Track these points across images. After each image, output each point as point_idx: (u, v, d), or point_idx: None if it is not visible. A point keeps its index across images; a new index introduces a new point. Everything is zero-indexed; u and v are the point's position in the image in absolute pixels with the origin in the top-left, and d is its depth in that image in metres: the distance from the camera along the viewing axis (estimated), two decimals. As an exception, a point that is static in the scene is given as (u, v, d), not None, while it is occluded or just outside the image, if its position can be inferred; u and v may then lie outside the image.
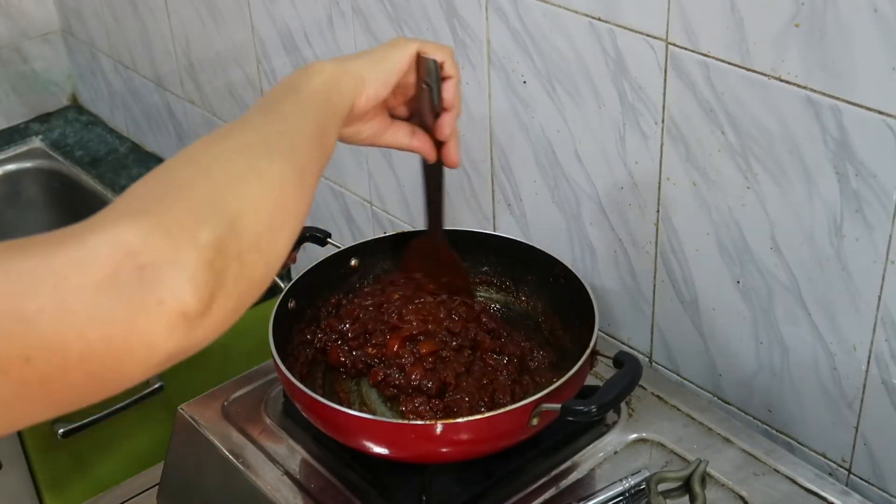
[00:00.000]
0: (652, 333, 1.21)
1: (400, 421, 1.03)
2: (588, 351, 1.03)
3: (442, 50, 0.93)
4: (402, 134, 0.96)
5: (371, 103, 0.88)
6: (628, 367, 0.99)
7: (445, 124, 0.96)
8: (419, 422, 1.01)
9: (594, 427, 1.11)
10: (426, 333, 1.12)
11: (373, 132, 0.94)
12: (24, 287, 0.55)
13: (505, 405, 1.02)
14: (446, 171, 1.02)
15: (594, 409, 0.95)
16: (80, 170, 2.02)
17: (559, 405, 0.97)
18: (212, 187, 0.64)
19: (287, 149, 0.73)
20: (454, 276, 1.16)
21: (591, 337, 1.04)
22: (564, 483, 1.06)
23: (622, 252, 1.19)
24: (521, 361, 1.13)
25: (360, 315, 1.15)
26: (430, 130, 0.97)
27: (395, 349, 1.11)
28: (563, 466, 1.07)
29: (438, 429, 0.96)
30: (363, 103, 0.87)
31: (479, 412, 1.04)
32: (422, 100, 0.95)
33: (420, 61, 0.92)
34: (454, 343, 1.14)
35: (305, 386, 1.02)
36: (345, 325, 1.16)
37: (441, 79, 0.93)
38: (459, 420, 0.97)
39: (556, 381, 1.00)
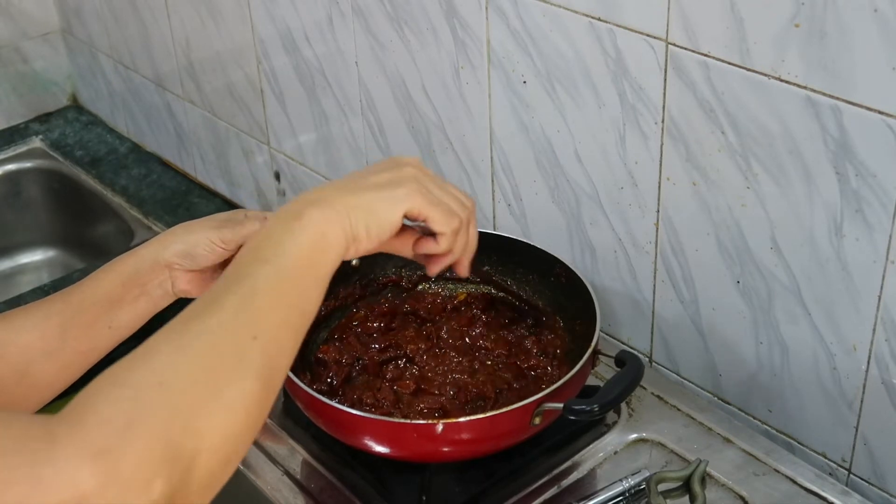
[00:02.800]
0: (652, 333, 1.21)
1: (402, 420, 1.03)
2: (590, 350, 1.03)
3: (432, 209, 0.83)
4: (401, 244, 0.89)
5: (361, 253, 0.82)
6: (630, 366, 0.99)
7: (433, 266, 0.89)
8: (421, 421, 1.01)
9: (594, 427, 1.11)
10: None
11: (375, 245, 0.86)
12: None
13: (506, 405, 1.03)
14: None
15: (596, 408, 0.95)
16: (80, 170, 2.01)
17: (561, 404, 0.97)
18: (174, 419, 0.63)
19: (259, 356, 0.69)
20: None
21: (593, 336, 1.04)
22: (564, 483, 1.06)
23: (622, 252, 1.19)
24: (523, 360, 1.14)
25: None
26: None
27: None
28: (563, 466, 1.08)
29: (440, 428, 0.96)
30: (352, 254, 0.81)
31: (482, 411, 1.04)
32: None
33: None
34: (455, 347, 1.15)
35: (308, 385, 1.02)
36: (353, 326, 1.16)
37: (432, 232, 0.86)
38: (461, 419, 0.97)
39: (557, 381, 1.01)
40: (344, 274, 1.21)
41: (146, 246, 0.98)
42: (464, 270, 0.91)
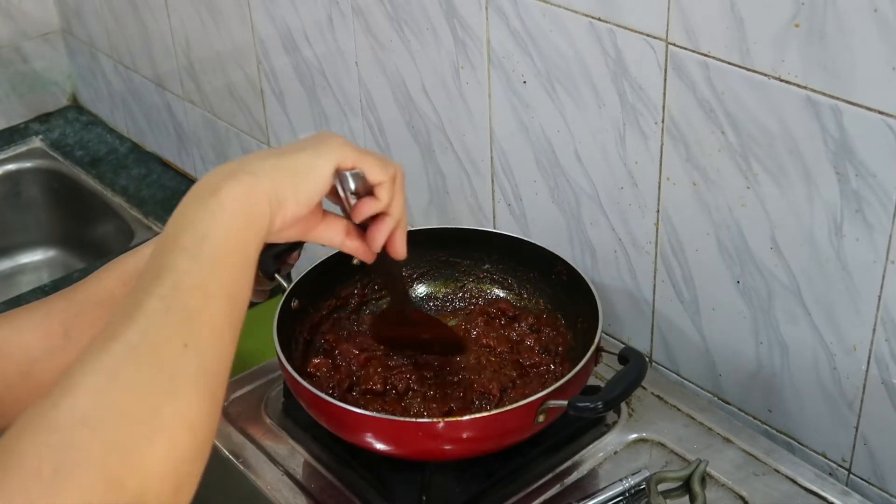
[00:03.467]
0: (652, 333, 1.21)
1: (404, 419, 1.03)
2: (594, 346, 1.03)
3: (364, 158, 0.80)
4: (334, 231, 0.84)
5: (288, 223, 0.75)
6: (633, 363, 0.99)
7: (376, 233, 0.84)
8: (424, 419, 1.01)
9: (594, 427, 1.11)
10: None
11: (298, 231, 0.81)
12: None
13: (510, 402, 1.03)
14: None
15: (601, 405, 0.95)
16: (80, 170, 2.02)
17: (565, 402, 0.97)
18: (108, 457, 0.56)
19: (194, 365, 0.62)
20: (437, 329, 1.11)
21: (595, 333, 1.04)
22: (564, 483, 1.06)
23: (622, 252, 1.19)
24: (525, 358, 1.14)
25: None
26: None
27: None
28: (563, 466, 1.08)
29: (442, 426, 0.96)
30: (279, 225, 0.74)
31: (485, 409, 1.04)
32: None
33: (338, 174, 0.80)
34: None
35: (309, 384, 1.02)
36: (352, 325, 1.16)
37: (369, 187, 0.82)
38: (464, 418, 0.97)
39: (560, 378, 1.01)
40: (344, 274, 1.21)
41: (147, 245, 0.96)
42: (401, 248, 0.85)
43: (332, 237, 0.84)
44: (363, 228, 0.86)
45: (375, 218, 0.85)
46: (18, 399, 0.92)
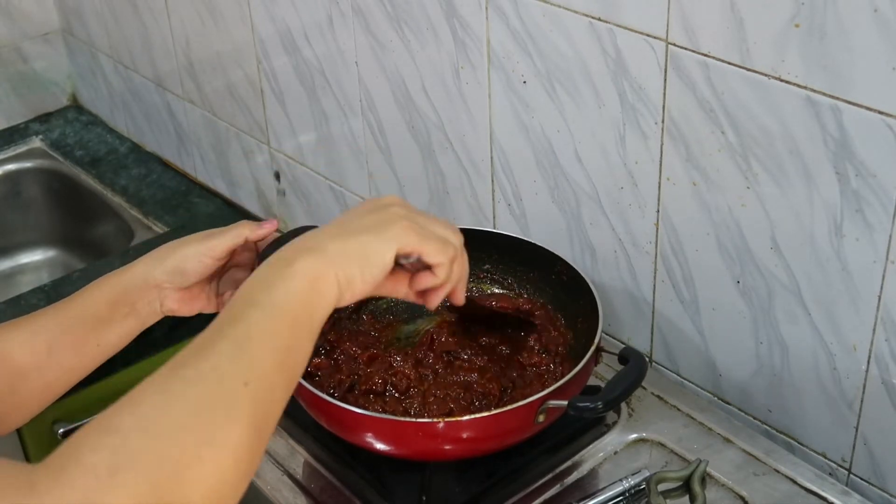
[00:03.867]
0: (652, 333, 1.21)
1: (404, 419, 1.03)
2: (594, 346, 1.03)
3: (424, 243, 0.82)
4: (400, 285, 0.87)
5: (357, 298, 0.80)
6: (634, 363, 0.99)
7: (433, 297, 0.87)
8: (424, 419, 1.01)
9: (594, 427, 1.11)
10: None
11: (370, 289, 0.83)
12: None
13: (510, 402, 1.03)
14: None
15: (601, 405, 0.95)
16: (80, 170, 2.01)
17: (565, 402, 0.97)
18: (161, 467, 0.61)
19: (250, 402, 0.67)
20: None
21: (595, 333, 1.04)
22: (565, 483, 1.06)
23: (622, 252, 1.19)
24: (525, 358, 1.14)
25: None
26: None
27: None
28: (563, 466, 1.08)
29: (443, 426, 0.96)
30: (347, 300, 0.79)
31: (486, 409, 1.04)
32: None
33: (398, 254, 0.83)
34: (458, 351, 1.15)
35: (309, 384, 1.02)
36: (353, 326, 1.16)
37: (426, 266, 0.85)
38: (464, 418, 0.97)
39: (561, 378, 1.01)
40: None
41: (135, 265, 0.98)
42: (459, 299, 0.90)
43: (397, 291, 0.87)
44: None
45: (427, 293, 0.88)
46: (6, 414, 0.92)
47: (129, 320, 0.98)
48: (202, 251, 0.98)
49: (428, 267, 0.84)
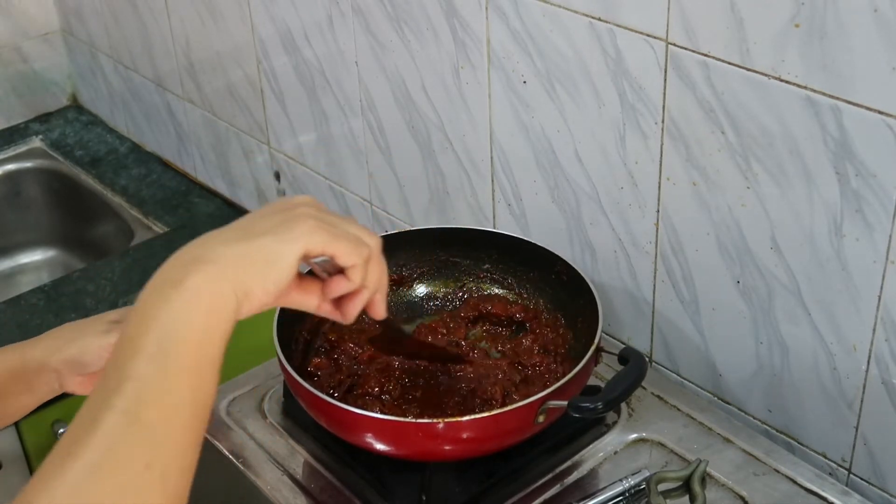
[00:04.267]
0: (652, 333, 1.21)
1: (405, 419, 1.03)
2: (594, 346, 1.03)
3: (334, 243, 0.73)
4: (309, 296, 0.77)
5: (256, 310, 0.70)
6: (634, 363, 0.99)
7: (350, 307, 0.78)
8: (424, 420, 1.01)
9: (594, 427, 1.11)
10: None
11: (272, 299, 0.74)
12: None
13: (510, 402, 1.03)
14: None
15: (601, 406, 0.95)
16: (80, 170, 2.02)
17: (565, 402, 0.97)
18: None
19: (158, 487, 0.60)
20: (434, 350, 1.12)
21: (595, 333, 1.04)
22: (564, 483, 1.06)
23: (622, 252, 1.19)
24: (525, 359, 1.14)
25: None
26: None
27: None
28: (563, 466, 1.08)
29: (443, 427, 0.96)
30: (245, 313, 0.69)
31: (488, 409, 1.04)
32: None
33: (306, 258, 0.74)
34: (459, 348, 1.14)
35: (309, 384, 1.02)
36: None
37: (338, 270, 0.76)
38: (463, 419, 0.97)
39: (561, 378, 1.01)
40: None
41: (34, 344, 0.94)
42: (380, 310, 0.80)
43: (307, 303, 0.77)
44: None
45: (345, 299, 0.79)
46: None
47: (25, 396, 0.95)
48: (103, 345, 0.92)
49: (341, 271, 0.75)
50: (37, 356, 0.94)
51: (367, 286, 0.77)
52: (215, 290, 0.66)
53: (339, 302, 0.78)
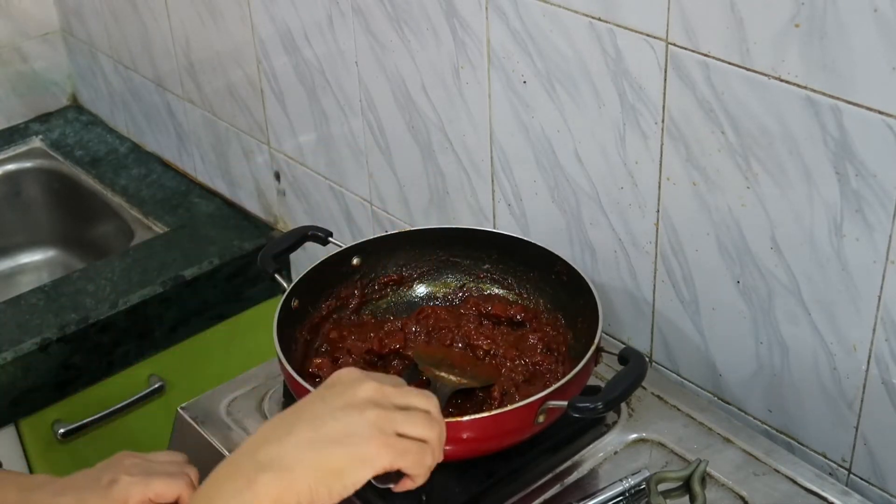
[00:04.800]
0: (652, 333, 1.21)
1: None
2: (594, 346, 1.03)
3: (404, 458, 0.77)
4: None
5: None
6: (634, 363, 0.99)
7: (401, 486, 0.81)
8: None
9: (594, 427, 1.11)
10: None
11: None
12: None
13: (511, 403, 1.02)
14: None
15: (601, 406, 0.95)
16: (80, 170, 2.02)
17: (565, 402, 0.97)
18: None
19: None
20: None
21: (595, 333, 1.04)
22: (565, 483, 1.06)
23: (622, 252, 1.19)
24: (525, 359, 1.14)
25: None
26: None
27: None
28: (563, 466, 1.07)
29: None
30: None
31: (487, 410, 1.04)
32: None
33: None
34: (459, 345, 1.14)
35: (309, 384, 1.02)
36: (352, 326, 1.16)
37: None
38: (464, 418, 0.97)
39: (560, 378, 1.01)
40: (344, 274, 1.21)
41: (33, 488, 0.93)
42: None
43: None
44: None
45: None
46: None
47: None
48: None
49: None
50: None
51: (424, 476, 0.80)
52: (282, 497, 0.70)
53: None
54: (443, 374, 1.08)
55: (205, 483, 0.72)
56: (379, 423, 0.76)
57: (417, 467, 0.78)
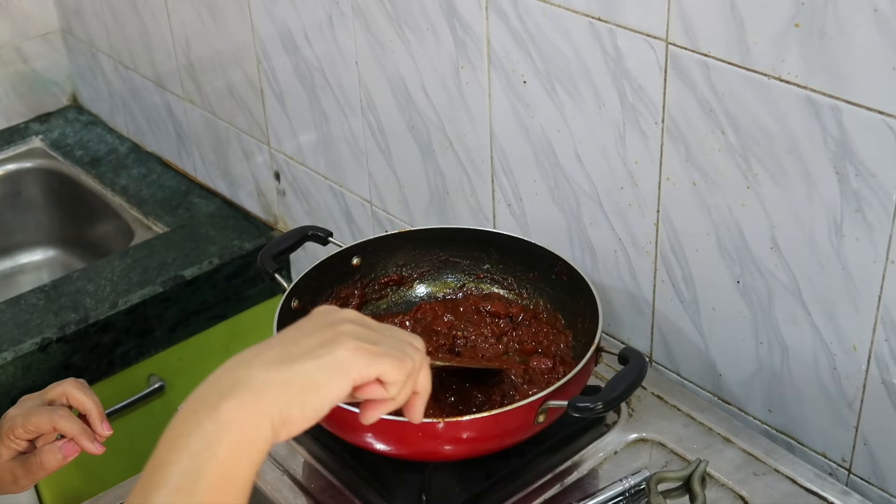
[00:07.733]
0: (652, 333, 1.21)
1: (405, 419, 1.03)
2: (594, 346, 1.03)
3: (379, 363, 0.70)
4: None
5: (292, 436, 0.69)
6: (634, 363, 0.99)
7: (371, 413, 0.75)
8: (424, 420, 1.01)
9: (594, 427, 1.11)
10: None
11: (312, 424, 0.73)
12: None
13: (511, 402, 1.02)
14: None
15: (601, 405, 0.95)
16: (80, 170, 2.02)
17: (565, 402, 0.97)
18: None
19: None
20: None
21: (595, 334, 1.04)
22: (565, 483, 1.06)
23: (622, 252, 1.19)
24: (525, 358, 1.14)
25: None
26: None
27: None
28: (563, 466, 1.07)
29: (443, 426, 0.96)
30: (282, 439, 0.68)
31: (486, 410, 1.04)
32: None
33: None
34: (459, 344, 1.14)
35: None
36: None
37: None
38: (464, 418, 0.97)
39: (561, 378, 1.01)
40: (344, 274, 1.21)
41: None
42: (416, 416, 0.78)
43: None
44: None
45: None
46: None
47: None
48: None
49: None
50: None
51: (395, 400, 0.74)
52: (248, 421, 0.65)
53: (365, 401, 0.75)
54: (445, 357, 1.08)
55: (167, 431, 0.66)
56: (355, 333, 0.71)
57: (395, 372, 0.71)
